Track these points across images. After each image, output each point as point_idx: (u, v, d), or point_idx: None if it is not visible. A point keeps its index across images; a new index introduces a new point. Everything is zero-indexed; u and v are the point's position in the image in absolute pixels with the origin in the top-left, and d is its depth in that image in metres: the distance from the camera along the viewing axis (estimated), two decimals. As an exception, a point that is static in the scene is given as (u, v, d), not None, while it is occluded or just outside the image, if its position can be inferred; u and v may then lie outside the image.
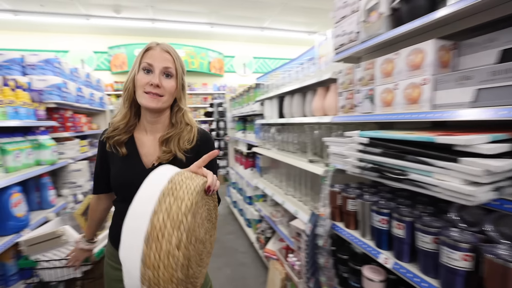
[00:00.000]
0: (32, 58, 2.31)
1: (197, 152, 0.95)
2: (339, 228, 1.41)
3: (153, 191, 0.58)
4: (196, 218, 0.61)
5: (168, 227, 0.53)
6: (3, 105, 1.73)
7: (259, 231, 2.88)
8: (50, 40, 6.17)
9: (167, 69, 0.89)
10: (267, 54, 7.80)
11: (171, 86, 0.90)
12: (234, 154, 4.22)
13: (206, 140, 1.00)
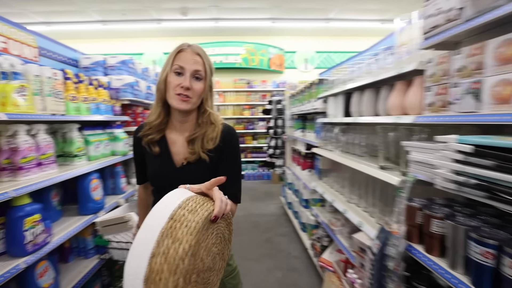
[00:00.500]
0: (112, 60, 2.57)
1: (221, 151, 0.98)
2: (417, 252, 1.16)
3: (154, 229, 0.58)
4: (199, 253, 0.62)
5: (165, 271, 0.54)
6: (87, 102, 1.94)
7: (314, 238, 2.69)
8: (128, 45, 6.98)
9: (197, 72, 0.92)
10: (331, 47, 7.36)
11: (200, 89, 0.93)
12: (291, 153, 4.08)
13: (229, 139, 1.01)
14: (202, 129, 0.98)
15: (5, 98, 1.31)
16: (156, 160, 1.00)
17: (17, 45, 1.83)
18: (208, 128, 0.98)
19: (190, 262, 0.57)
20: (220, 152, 0.98)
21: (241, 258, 2.86)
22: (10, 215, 1.25)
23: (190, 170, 0.97)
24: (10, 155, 1.37)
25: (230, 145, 1.00)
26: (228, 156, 1.00)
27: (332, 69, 3.17)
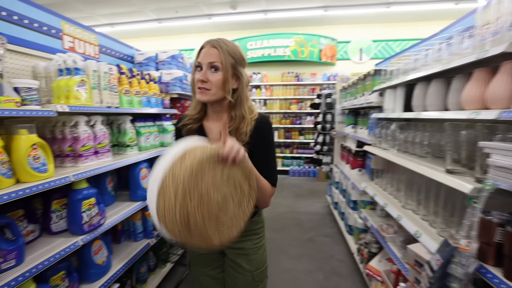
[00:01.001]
0: (163, 55, 2.69)
1: (254, 143, 1.02)
2: (493, 276, 0.95)
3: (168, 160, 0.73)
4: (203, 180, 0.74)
5: (169, 184, 0.69)
6: (139, 95, 2.06)
7: (362, 243, 2.48)
8: (180, 41, 7.34)
9: (212, 63, 0.95)
10: (391, 35, 6.67)
11: (217, 79, 0.95)
12: (340, 150, 3.83)
13: (262, 127, 1.04)
14: (235, 123, 1.01)
15: (68, 92, 1.45)
16: None
17: (82, 44, 2.03)
18: (241, 122, 1.01)
19: (190, 180, 0.70)
20: (254, 141, 1.02)
21: (281, 255, 2.80)
22: (71, 197, 1.38)
23: None
24: (72, 143, 1.51)
25: (263, 133, 1.05)
26: (261, 142, 1.04)
27: (390, 59, 2.84)
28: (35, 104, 1.23)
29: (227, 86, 0.98)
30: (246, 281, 1.16)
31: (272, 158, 1.08)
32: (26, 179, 1.15)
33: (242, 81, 1.01)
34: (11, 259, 1.08)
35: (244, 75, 1.02)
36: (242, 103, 1.02)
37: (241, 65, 1.01)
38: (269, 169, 1.04)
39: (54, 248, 1.26)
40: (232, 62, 0.97)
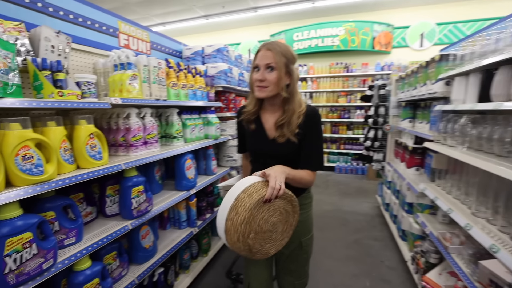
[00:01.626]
0: (209, 49, 2.73)
1: (303, 132, 1.17)
2: None
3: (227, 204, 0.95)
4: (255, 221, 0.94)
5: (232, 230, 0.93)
6: (185, 88, 2.12)
7: (417, 250, 2.21)
8: (227, 36, 7.45)
9: (268, 64, 1.10)
10: (460, 16, 5.81)
11: (273, 78, 1.10)
12: (394, 147, 3.49)
13: (311, 118, 1.17)
14: (287, 116, 1.16)
15: (122, 86, 1.54)
16: (253, 135, 1.27)
17: (135, 41, 2.15)
18: (293, 115, 1.15)
19: (246, 227, 0.92)
20: (304, 131, 1.16)
21: (323, 256, 2.67)
22: (122, 183, 1.48)
23: (279, 143, 1.18)
24: (125, 133, 1.61)
25: (311, 123, 1.17)
26: (309, 131, 1.17)
27: (459, 43, 2.45)
28: (92, 97, 1.34)
29: (281, 83, 1.12)
30: (294, 247, 1.32)
31: (318, 145, 1.21)
32: (84, 165, 1.26)
33: (293, 77, 1.14)
34: (72, 236, 1.20)
35: (294, 71, 1.15)
36: (294, 98, 1.16)
37: (292, 63, 1.14)
38: (315, 156, 1.19)
39: (107, 230, 1.37)
40: (284, 61, 1.11)
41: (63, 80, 1.23)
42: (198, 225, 2.19)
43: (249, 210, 0.92)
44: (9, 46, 1.03)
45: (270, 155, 1.22)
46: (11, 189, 0.91)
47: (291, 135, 1.15)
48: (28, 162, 0.94)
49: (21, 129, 0.94)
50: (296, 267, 1.36)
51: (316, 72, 6.51)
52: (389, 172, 3.39)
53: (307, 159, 1.19)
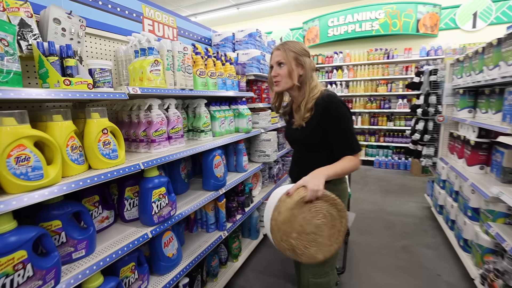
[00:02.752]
0: (240, 34, 2.49)
1: (319, 120, 1.22)
2: None
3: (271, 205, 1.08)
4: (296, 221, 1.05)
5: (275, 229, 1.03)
6: (214, 77, 1.90)
7: (490, 268, 1.81)
8: (258, 25, 7.12)
9: (278, 61, 1.26)
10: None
11: (283, 72, 1.25)
12: (447, 141, 3.01)
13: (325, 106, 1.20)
14: (299, 100, 1.27)
15: (142, 74, 1.36)
16: (287, 125, 1.45)
17: (161, 26, 1.97)
18: (303, 100, 1.25)
19: (287, 226, 1.03)
20: (319, 119, 1.22)
21: (369, 265, 2.34)
22: (141, 185, 1.31)
23: (299, 132, 1.29)
24: (146, 128, 1.44)
25: (328, 110, 1.20)
26: (329, 120, 1.20)
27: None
28: (107, 86, 1.16)
29: (294, 75, 1.23)
30: None
31: (345, 130, 1.21)
32: (96, 166, 1.10)
33: (306, 67, 1.24)
34: (82, 248, 1.05)
35: (307, 62, 1.24)
36: (305, 85, 1.25)
37: (303, 55, 1.24)
38: (345, 141, 1.22)
39: (124, 239, 1.21)
40: (293, 55, 1.22)
41: (73, 67, 1.06)
42: (228, 228, 2.00)
43: (290, 210, 1.02)
44: (8, 26, 0.87)
45: (293, 142, 1.40)
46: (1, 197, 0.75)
47: (302, 120, 1.23)
48: (24, 165, 0.77)
49: (16, 124, 0.78)
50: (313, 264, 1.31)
51: (353, 59, 5.99)
52: (443, 170, 2.92)
53: (339, 147, 1.22)
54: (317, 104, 1.21)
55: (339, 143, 1.21)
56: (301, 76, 1.23)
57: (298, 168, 1.39)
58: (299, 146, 1.36)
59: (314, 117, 1.22)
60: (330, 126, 1.19)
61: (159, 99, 1.49)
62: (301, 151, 1.36)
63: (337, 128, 1.20)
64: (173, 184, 1.74)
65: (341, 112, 1.19)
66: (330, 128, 1.20)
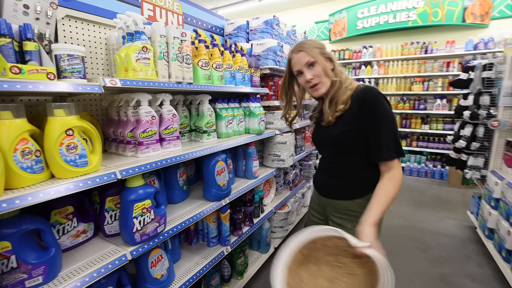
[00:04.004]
0: (254, 22, 2.22)
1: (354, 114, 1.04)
2: None
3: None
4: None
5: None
6: (220, 69, 1.65)
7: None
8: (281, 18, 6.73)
9: (307, 63, 1.08)
10: None
11: (318, 72, 1.08)
12: (503, 151, 2.52)
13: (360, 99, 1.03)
14: (334, 95, 1.09)
15: (128, 63, 1.14)
16: (316, 125, 1.25)
17: (163, 12, 1.75)
18: (338, 91, 1.08)
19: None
20: (355, 112, 1.03)
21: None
22: (122, 196, 1.09)
23: (329, 130, 1.11)
24: (134, 128, 1.23)
25: (368, 104, 1.01)
26: (369, 115, 1.01)
27: None
28: (77, 76, 0.95)
29: (328, 71, 1.08)
30: None
31: (387, 127, 1.00)
32: (59, 174, 0.89)
33: (333, 60, 1.12)
34: (38, 274, 0.85)
35: (331, 54, 1.12)
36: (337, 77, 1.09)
37: (325, 49, 1.11)
38: (386, 141, 1.00)
39: (99, 261, 1.00)
40: (319, 51, 1.08)
41: (33, 52, 0.86)
42: (232, 242, 1.75)
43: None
44: None
45: (322, 144, 1.20)
46: None
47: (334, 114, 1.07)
48: None
49: None
50: None
51: (384, 54, 5.46)
52: (496, 186, 2.45)
53: (377, 148, 1.01)
54: (353, 96, 1.05)
55: (377, 142, 1.00)
56: (333, 70, 1.10)
57: (327, 176, 1.20)
58: (328, 148, 1.16)
59: (348, 112, 1.05)
60: (368, 121, 1.00)
61: (149, 93, 1.26)
62: (331, 155, 1.17)
63: (376, 123, 0.99)
64: (169, 192, 1.53)
65: (381, 105, 1.00)
66: (367, 124, 1.01)
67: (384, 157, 0.99)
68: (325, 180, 1.20)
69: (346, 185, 1.12)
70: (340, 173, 1.12)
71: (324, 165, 1.22)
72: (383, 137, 0.99)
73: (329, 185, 1.18)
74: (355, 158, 1.08)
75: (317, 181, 1.28)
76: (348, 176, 1.11)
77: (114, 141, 1.33)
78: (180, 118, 1.64)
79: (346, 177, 1.11)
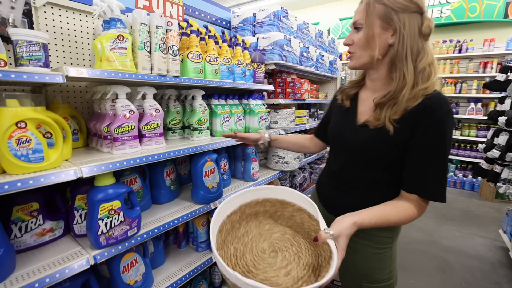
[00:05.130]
0: (261, 14, 2.07)
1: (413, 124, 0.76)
2: None
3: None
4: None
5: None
6: (215, 62, 1.53)
7: None
8: (304, 16, 6.57)
9: (355, 23, 0.84)
10: None
11: (359, 39, 0.83)
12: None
13: (433, 109, 0.74)
14: (394, 92, 0.79)
15: (102, 53, 1.06)
16: (342, 116, 0.98)
17: (161, 2, 1.67)
18: (401, 90, 0.77)
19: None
20: (412, 124, 0.76)
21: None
22: (88, 196, 1.01)
23: (366, 133, 0.85)
24: (110, 122, 1.15)
25: (433, 118, 0.74)
26: (427, 134, 0.75)
27: None
28: (35, 65, 0.87)
29: (373, 43, 0.80)
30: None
31: (441, 159, 0.76)
32: (10, 170, 0.82)
33: (403, 33, 0.76)
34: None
35: (408, 23, 0.75)
36: (403, 62, 0.77)
37: (402, 11, 0.75)
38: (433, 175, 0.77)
39: (59, 263, 0.93)
40: (380, 11, 0.77)
41: (-14, 36, 0.79)
42: (221, 249, 1.63)
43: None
44: None
45: (345, 146, 0.92)
46: None
47: (389, 120, 0.78)
48: None
49: None
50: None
51: (412, 52, 5.06)
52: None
53: (419, 178, 0.78)
54: (423, 104, 0.75)
55: (422, 172, 0.77)
56: (392, 47, 0.78)
57: (340, 192, 0.95)
58: (352, 154, 0.89)
59: (405, 120, 0.77)
60: (422, 141, 0.76)
61: (127, 86, 1.17)
62: (351, 163, 0.90)
63: (432, 149, 0.76)
64: (155, 191, 1.45)
65: (447, 128, 0.75)
66: (420, 144, 0.77)
67: (428, 195, 0.78)
68: (339, 199, 0.96)
69: (358, 205, 0.83)
70: (358, 190, 0.90)
71: (337, 177, 0.97)
72: (431, 167, 0.77)
73: (345, 205, 0.92)
74: (378, 176, 0.86)
75: (325, 195, 1.03)
76: (367, 196, 0.88)
77: (95, 136, 1.27)
78: (171, 113, 1.55)
79: (366, 197, 0.88)
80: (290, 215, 0.91)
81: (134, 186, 1.31)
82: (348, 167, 0.92)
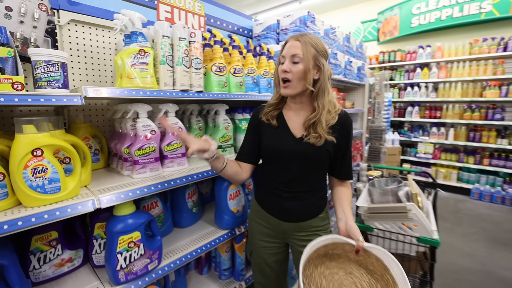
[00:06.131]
0: (286, 20, 1.96)
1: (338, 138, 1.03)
2: None
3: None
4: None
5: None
6: (240, 74, 1.43)
7: None
8: (324, 20, 6.40)
9: (294, 56, 0.99)
10: None
11: (297, 71, 0.98)
12: None
13: (344, 123, 1.06)
14: (319, 113, 1.01)
15: (123, 69, 0.99)
16: (274, 133, 1.09)
17: (183, 14, 1.61)
18: (323, 113, 1.01)
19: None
20: (338, 134, 1.03)
21: None
22: (107, 226, 0.93)
23: (309, 143, 1.02)
24: (131, 143, 1.07)
25: (346, 129, 1.06)
26: (345, 139, 1.07)
27: None
28: (53, 86, 0.81)
29: (309, 77, 0.99)
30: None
31: (350, 154, 1.13)
32: (25, 202, 0.75)
33: (324, 72, 1.01)
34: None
35: (326, 66, 1.01)
36: (324, 94, 1.02)
37: (323, 56, 1.01)
38: (348, 165, 1.12)
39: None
40: (313, 53, 0.99)
41: (5, 58, 0.75)
42: (247, 277, 1.50)
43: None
44: None
45: (294, 156, 1.05)
46: None
47: (327, 134, 1.01)
48: None
49: None
50: None
51: (446, 54, 4.70)
52: None
53: (346, 169, 1.12)
54: (339, 120, 1.05)
55: (347, 164, 1.12)
56: (318, 82, 1.01)
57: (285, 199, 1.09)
58: (297, 161, 1.05)
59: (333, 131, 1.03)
60: (344, 145, 1.07)
61: (148, 104, 1.10)
62: (292, 167, 1.05)
63: (349, 148, 1.10)
64: (176, 214, 1.36)
65: (352, 130, 1.11)
66: (343, 147, 1.07)
67: (349, 177, 1.13)
68: (286, 206, 1.09)
69: (310, 206, 1.10)
70: (302, 193, 1.08)
71: (279, 185, 1.09)
72: (350, 159, 1.12)
73: (292, 209, 1.09)
74: (320, 175, 1.11)
75: (270, 206, 1.13)
76: (309, 196, 1.09)
77: (115, 156, 1.20)
78: (194, 130, 1.47)
79: (307, 197, 1.09)
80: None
81: (155, 211, 1.22)
82: (294, 173, 1.06)
